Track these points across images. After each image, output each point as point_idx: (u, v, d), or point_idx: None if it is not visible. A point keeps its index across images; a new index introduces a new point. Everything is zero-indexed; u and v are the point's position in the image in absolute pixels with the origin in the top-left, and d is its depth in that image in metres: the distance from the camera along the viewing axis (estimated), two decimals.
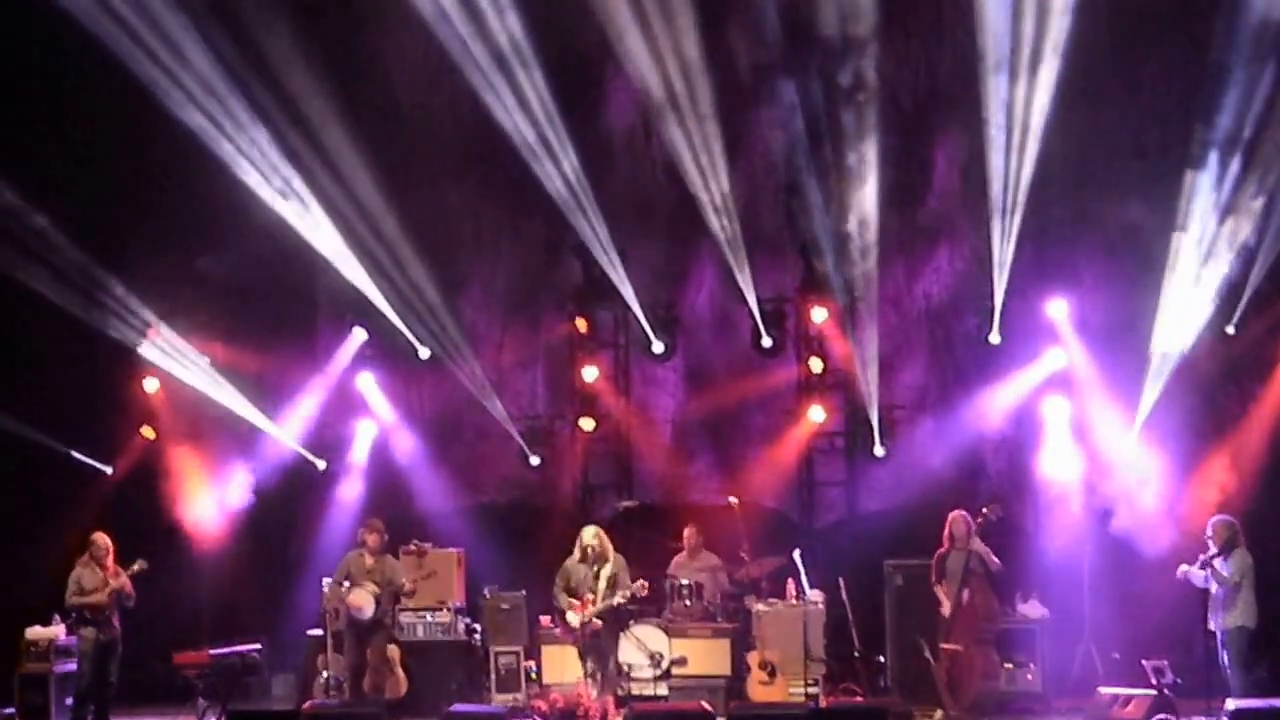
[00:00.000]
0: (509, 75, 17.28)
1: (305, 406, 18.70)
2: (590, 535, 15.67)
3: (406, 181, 18.25)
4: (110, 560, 15.62)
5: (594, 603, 15.38)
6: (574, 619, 15.48)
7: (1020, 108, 16.91)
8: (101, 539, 15.66)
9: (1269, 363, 17.62)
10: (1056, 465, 17.52)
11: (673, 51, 17.19)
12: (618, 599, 15.43)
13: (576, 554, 15.67)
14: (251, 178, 17.50)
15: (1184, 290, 17.12)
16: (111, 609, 15.57)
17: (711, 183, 17.67)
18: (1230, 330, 17.31)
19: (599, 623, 15.43)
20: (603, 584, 15.46)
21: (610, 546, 15.66)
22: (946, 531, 15.48)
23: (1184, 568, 14.75)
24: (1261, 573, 14.54)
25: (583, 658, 15.60)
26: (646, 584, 15.60)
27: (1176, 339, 17.22)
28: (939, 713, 15.41)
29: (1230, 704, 13.61)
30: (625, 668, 15.78)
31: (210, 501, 18.50)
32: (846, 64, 17.61)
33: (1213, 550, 14.49)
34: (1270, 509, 16.80)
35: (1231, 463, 17.26)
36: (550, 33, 17.44)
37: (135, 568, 15.61)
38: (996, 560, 15.38)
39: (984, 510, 15.42)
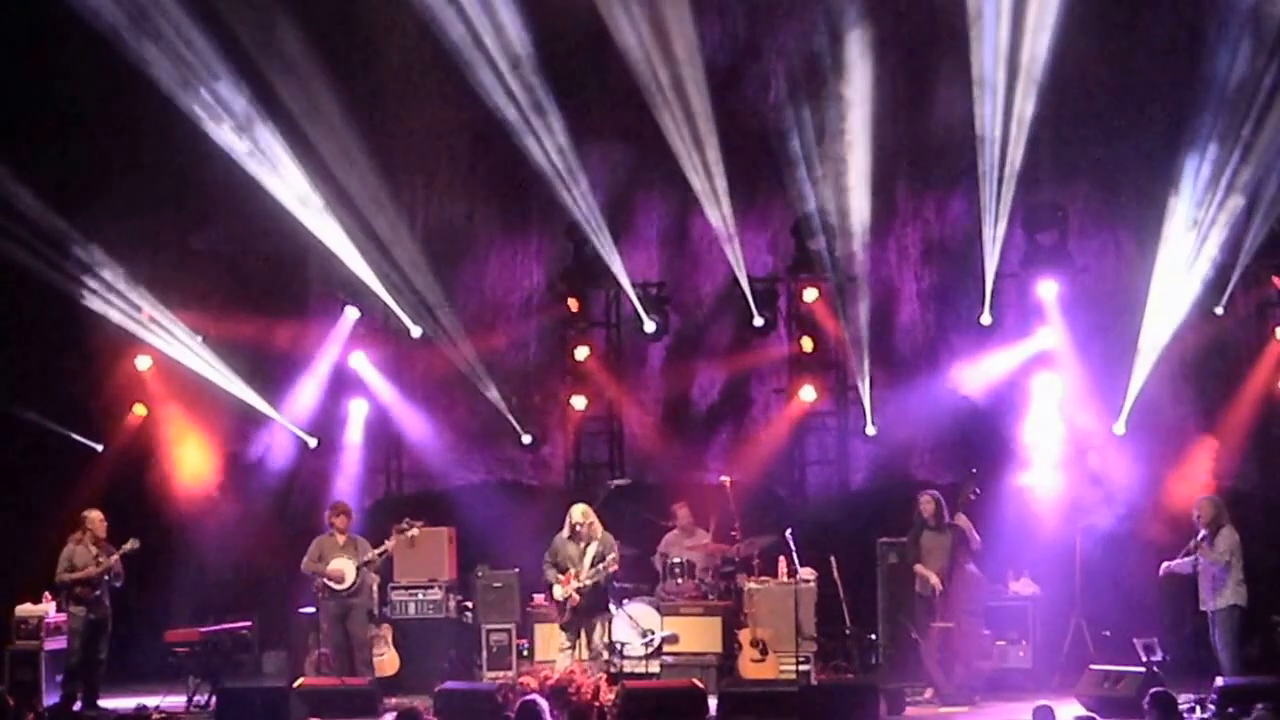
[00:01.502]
0: (499, 54, 17.27)
1: (298, 384, 18.67)
2: (579, 513, 15.64)
3: (398, 162, 18.24)
4: (103, 538, 15.63)
5: (577, 578, 15.43)
6: (559, 592, 15.53)
7: (1012, 86, 16.92)
8: (95, 516, 15.66)
9: (1257, 342, 17.67)
10: (1047, 444, 17.56)
11: (663, 29, 17.17)
12: (588, 580, 15.42)
13: (566, 531, 15.68)
14: (244, 156, 17.44)
15: (1174, 270, 17.14)
16: (102, 587, 15.58)
17: (703, 161, 17.66)
18: (1219, 311, 17.33)
19: (578, 597, 15.45)
20: (587, 561, 15.48)
21: (599, 525, 15.66)
22: (916, 511, 15.57)
23: (1166, 565, 14.79)
24: (1248, 552, 14.58)
25: (564, 631, 15.62)
26: (617, 558, 15.60)
27: (1166, 319, 17.25)
28: (929, 690, 15.47)
29: (1220, 682, 13.72)
30: (617, 645, 15.79)
31: (202, 479, 18.51)
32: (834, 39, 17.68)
33: (1201, 532, 14.53)
34: (1256, 488, 16.85)
35: (1218, 442, 17.30)
36: (540, 9, 17.42)
37: (127, 547, 15.62)
38: (978, 537, 15.47)
39: (965, 490, 15.48)
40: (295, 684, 15.29)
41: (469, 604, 17.20)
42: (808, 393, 18.25)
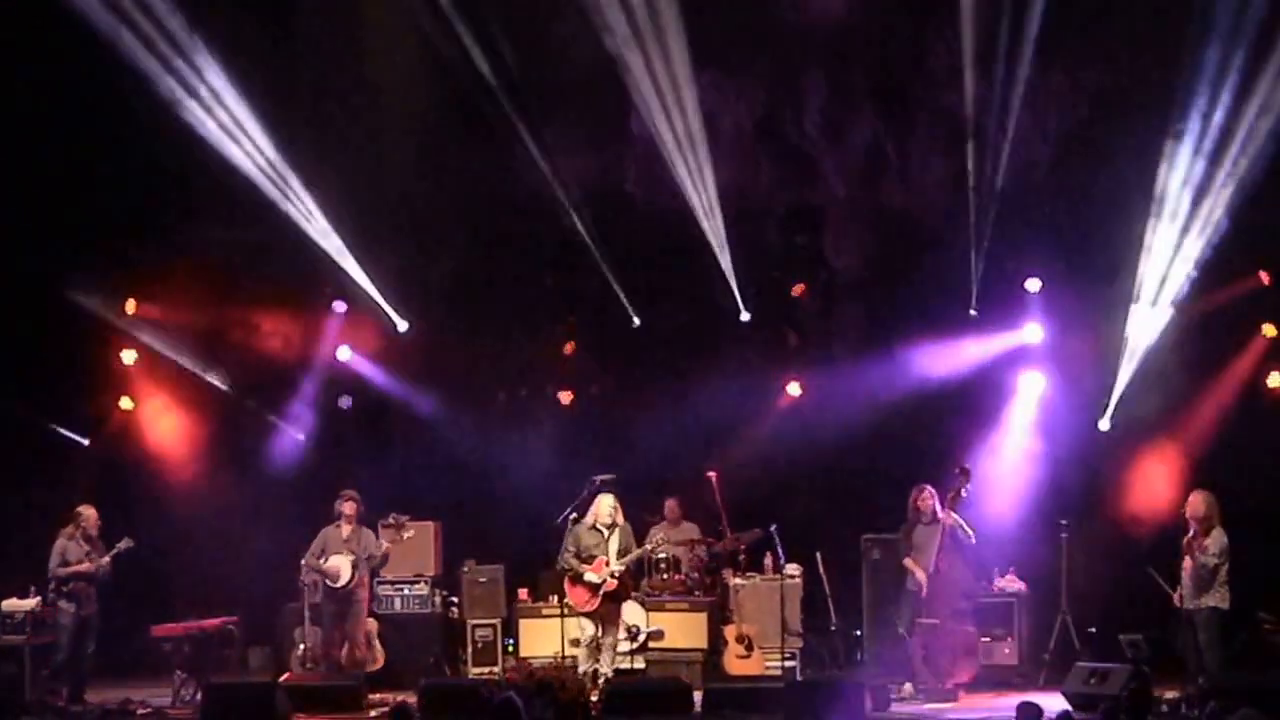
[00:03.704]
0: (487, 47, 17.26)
1: (284, 378, 18.66)
2: (609, 504, 15.80)
3: (384, 155, 18.18)
4: (96, 534, 15.60)
5: (607, 565, 15.49)
6: (595, 577, 15.52)
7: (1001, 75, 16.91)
8: (90, 513, 15.63)
9: (1243, 337, 17.66)
10: (1031, 439, 17.58)
11: (647, 16, 17.14)
12: (620, 567, 15.43)
13: (590, 521, 15.73)
14: (232, 150, 17.38)
15: (1161, 264, 17.14)
16: (93, 584, 15.57)
17: (690, 154, 17.64)
18: (1207, 305, 17.32)
19: (614, 582, 15.48)
20: (614, 549, 15.62)
21: (620, 514, 15.80)
22: (912, 505, 15.56)
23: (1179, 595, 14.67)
24: (1233, 548, 14.57)
25: (589, 620, 15.64)
26: (664, 537, 15.90)
27: (1152, 313, 17.24)
28: (907, 686, 15.45)
29: (1203, 680, 13.73)
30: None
31: (187, 473, 18.48)
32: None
33: (1192, 530, 14.49)
34: (1243, 484, 16.84)
35: (1204, 437, 17.32)
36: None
37: (121, 546, 15.61)
38: (970, 532, 15.45)
39: (957, 486, 15.48)
40: (281, 679, 15.32)
41: (454, 599, 17.21)
42: (794, 388, 18.25)
